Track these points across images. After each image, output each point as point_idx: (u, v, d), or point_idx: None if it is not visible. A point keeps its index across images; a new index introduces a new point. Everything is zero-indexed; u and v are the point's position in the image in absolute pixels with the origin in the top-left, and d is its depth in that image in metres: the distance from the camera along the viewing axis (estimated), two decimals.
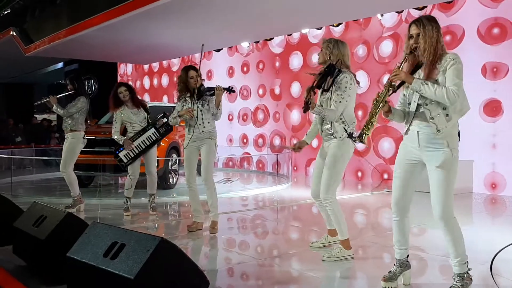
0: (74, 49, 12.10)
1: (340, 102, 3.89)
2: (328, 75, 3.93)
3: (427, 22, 2.99)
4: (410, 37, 3.03)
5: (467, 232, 4.28)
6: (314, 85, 3.95)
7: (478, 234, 5.04)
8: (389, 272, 3.29)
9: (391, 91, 3.07)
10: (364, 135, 3.14)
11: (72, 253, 2.98)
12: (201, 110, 4.97)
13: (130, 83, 11.45)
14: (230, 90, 4.95)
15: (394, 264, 3.31)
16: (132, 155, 5.93)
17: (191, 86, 4.99)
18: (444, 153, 2.96)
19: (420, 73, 3.05)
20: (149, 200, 6.25)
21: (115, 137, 5.95)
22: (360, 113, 9.44)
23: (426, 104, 2.98)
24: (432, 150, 2.99)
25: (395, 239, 3.28)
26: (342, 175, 4.15)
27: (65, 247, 3.07)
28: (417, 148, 3.06)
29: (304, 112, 3.94)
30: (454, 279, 3.07)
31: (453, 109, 2.96)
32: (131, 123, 6.00)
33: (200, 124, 4.97)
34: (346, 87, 3.89)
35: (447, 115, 2.94)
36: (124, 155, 5.94)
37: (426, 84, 2.92)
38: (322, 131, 4.11)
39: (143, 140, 5.95)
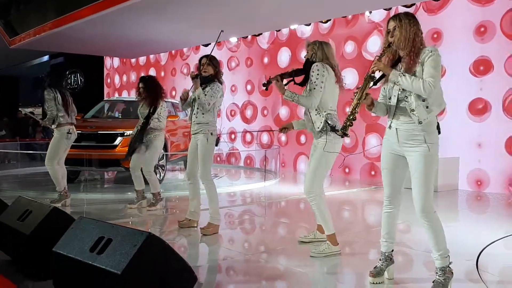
0: (59, 42, 11.95)
1: (314, 89, 3.92)
2: (306, 70, 4.02)
3: (404, 16, 3.07)
4: (388, 32, 3.10)
5: (453, 229, 4.33)
6: (283, 73, 4.02)
7: (464, 231, 5.09)
8: (375, 267, 3.32)
9: (371, 83, 3.10)
10: (347, 127, 3.15)
11: (58, 248, 2.94)
12: (197, 100, 4.83)
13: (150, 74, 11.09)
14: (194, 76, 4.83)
15: (380, 259, 3.35)
16: (128, 149, 6.11)
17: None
18: (421, 148, 3.01)
19: (400, 67, 3.09)
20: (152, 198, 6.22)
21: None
22: (348, 109, 9.45)
23: (406, 97, 3.03)
24: (410, 146, 3.05)
25: (384, 232, 3.30)
26: (328, 171, 4.17)
27: (51, 242, 3.02)
28: (397, 144, 3.11)
29: (266, 89, 4.08)
30: (436, 273, 3.10)
31: (432, 101, 3.00)
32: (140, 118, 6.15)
33: (194, 114, 4.86)
34: (318, 74, 3.92)
35: (427, 107, 2.98)
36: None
37: (403, 75, 2.97)
38: (307, 126, 4.14)
39: (132, 136, 6.13)
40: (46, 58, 18.68)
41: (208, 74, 4.87)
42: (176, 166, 10.48)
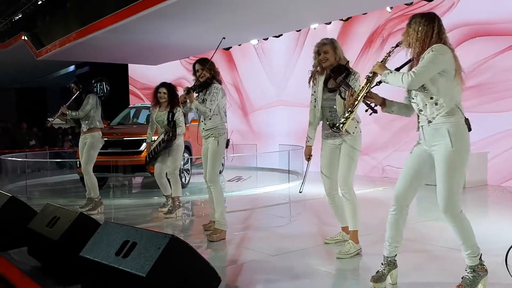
0: (84, 51, 12.19)
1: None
2: (338, 75, 3.97)
3: (417, 16, 2.99)
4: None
5: (482, 225, 4.22)
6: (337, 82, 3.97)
7: (493, 226, 4.98)
8: (377, 272, 3.16)
9: (373, 84, 3.07)
10: (342, 125, 3.22)
11: (85, 252, 3.00)
12: (198, 112, 4.83)
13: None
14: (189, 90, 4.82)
15: (382, 263, 3.17)
16: (151, 156, 6.14)
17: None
18: (444, 145, 2.86)
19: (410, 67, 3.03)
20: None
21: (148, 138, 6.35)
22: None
23: (413, 98, 2.97)
24: (435, 143, 2.92)
25: (388, 235, 3.13)
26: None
27: (78, 247, 3.09)
28: (424, 142, 3.01)
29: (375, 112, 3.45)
30: (466, 270, 3.02)
31: (439, 96, 2.85)
32: (158, 125, 6.15)
33: (202, 121, 4.85)
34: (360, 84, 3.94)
35: (435, 103, 2.87)
36: (146, 156, 6.31)
37: (390, 73, 2.93)
38: (328, 125, 4.12)
39: (157, 144, 6.08)
40: (72, 68, 19.09)
41: (205, 78, 4.83)
42: (202, 169, 10.54)
